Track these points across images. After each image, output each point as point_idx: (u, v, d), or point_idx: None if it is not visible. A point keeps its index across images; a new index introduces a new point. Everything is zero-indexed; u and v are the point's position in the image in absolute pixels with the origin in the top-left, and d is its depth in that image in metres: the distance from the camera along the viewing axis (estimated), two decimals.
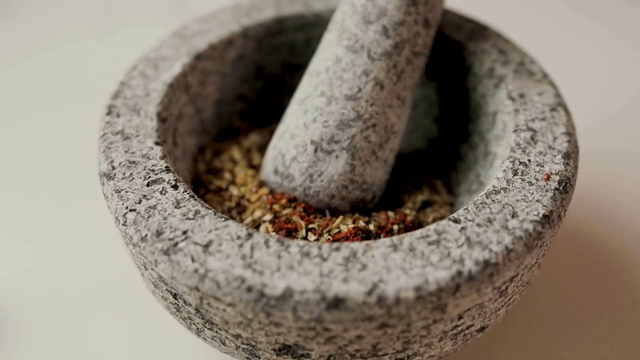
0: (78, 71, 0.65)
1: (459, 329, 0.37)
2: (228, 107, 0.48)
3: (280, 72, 0.49)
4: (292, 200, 0.42)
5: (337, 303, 0.33)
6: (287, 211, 0.41)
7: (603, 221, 0.53)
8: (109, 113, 0.42)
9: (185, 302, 0.37)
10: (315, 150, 0.41)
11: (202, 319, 0.37)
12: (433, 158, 0.48)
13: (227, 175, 0.44)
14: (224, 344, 0.38)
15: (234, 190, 0.43)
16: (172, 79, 0.43)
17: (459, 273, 0.34)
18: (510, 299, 0.38)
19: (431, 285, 0.34)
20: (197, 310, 0.37)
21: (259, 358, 0.38)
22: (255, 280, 0.34)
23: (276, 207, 0.41)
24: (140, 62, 0.44)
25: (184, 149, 0.44)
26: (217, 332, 0.37)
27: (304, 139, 0.41)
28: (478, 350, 0.46)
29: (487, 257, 0.35)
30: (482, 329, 0.39)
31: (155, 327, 0.47)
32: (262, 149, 0.46)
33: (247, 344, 0.37)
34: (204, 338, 0.39)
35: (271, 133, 0.47)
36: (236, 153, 0.45)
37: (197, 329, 0.38)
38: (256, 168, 0.45)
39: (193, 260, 0.35)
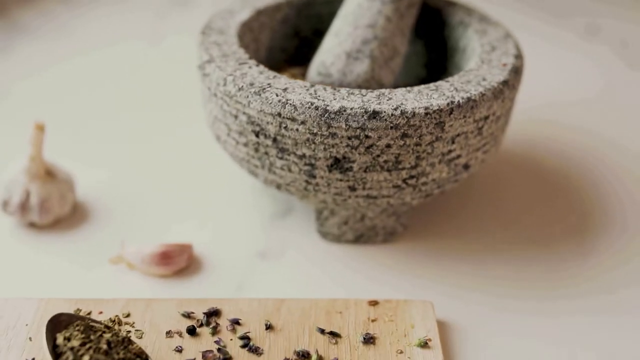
0: (134, 67, 0.84)
1: (452, 155, 0.54)
2: (274, 54, 0.67)
3: (311, 35, 0.68)
4: None
5: (375, 115, 0.51)
6: None
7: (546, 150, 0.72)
8: (203, 33, 0.60)
9: (265, 135, 0.54)
10: (347, 57, 0.60)
11: (277, 148, 0.54)
12: None
13: None
14: (290, 170, 0.54)
15: None
16: (243, 20, 0.62)
17: (452, 102, 0.52)
18: (484, 144, 0.56)
19: (434, 107, 0.52)
20: (274, 139, 0.53)
21: (315, 177, 0.54)
22: (320, 103, 0.51)
23: None
24: (219, 12, 0.63)
25: None
26: (286, 159, 0.54)
27: (339, 51, 0.60)
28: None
29: (469, 95, 0.53)
30: (466, 166, 0.56)
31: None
32: (302, 75, 0.64)
33: (308, 164, 0.53)
34: (274, 172, 0.55)
35: (306, 68, 0.66)
36: (286, 75, 0.63)
37: (270, 163, 0.55)
38: None
39: (277, 95, 0.52)
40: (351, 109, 0.51)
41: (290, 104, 0.52)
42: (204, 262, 0.58)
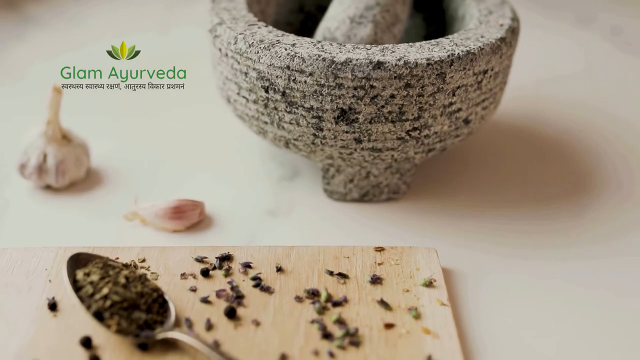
0: (142, 54, 0.87)
1: (453, 108, 0.57)
2: (280, 28, 0.69)
3: (314, 11, 0.71)
4: None
5: (379, 65, 0.53)
6: None
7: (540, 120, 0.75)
8: (213, 1, 0.63)
9: (275, 90, 0.56)
10: (351, 22, 0.62)
11: (285, 102, 0.56)
12: None
13: None
14: (298, 124, 0.57)
15: None
16: None
17: (452, 54, 0.55)
18: (484, 99, 0.58)
19: (436, 58, 0.54)
20: (283, 93, 0.56)
21: (322, 130, 0.56)
22: (327, 55, 0.54)
23: None
24: None
25: None
26: (294, 112, 0.56)
27: (343, 16, 0.63)
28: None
29: (469, 49, 0.56)
30: (466, 121, 0.58)
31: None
32: None
33: (316, 117, 0.56)
34: (282, 127, 0.57)
35: None
36: None
37: (279, 118, 0.57)
38: None
39: (285, 49, 0.55)
40: (357, 59, 0.54)
41: (299, 56, 0.54)
42: (216, 219, 0.61)
